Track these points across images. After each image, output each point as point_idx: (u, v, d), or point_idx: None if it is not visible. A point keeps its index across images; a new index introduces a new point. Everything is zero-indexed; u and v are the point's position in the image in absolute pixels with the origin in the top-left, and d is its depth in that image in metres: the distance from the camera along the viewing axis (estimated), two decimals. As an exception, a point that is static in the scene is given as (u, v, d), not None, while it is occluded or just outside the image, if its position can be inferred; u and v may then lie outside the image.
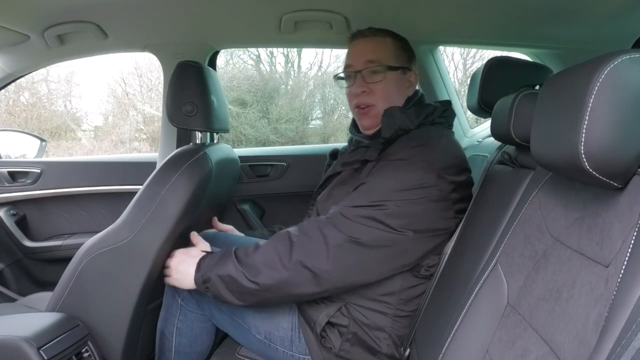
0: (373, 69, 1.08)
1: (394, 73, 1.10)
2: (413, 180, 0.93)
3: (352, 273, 0.95)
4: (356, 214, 0.94)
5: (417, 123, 1.05)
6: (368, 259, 0.94)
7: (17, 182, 1.74)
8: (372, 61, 1.09)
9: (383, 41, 1.12)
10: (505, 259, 0.74)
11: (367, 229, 0.92)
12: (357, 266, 0.94)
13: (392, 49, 1.11)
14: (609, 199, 0.54)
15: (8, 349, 0.91)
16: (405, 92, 1.13)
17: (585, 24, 1.27)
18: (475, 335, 0.72)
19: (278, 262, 0.94)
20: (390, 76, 1.09)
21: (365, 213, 0.93)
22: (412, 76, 1.14)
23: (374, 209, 0.93)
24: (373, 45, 1.11)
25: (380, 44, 1.11)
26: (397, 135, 1.03)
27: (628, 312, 0.44)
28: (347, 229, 0.93)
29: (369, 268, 0.95)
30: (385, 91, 1.09)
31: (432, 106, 1.10)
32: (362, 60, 1.09)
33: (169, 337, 1.18)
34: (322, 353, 1.03)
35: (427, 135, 1.03)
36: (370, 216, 0.93)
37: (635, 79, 0.49)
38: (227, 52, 5.87)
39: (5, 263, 1.71)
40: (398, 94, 1.11)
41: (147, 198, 1.10)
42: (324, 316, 1.01)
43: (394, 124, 1.03)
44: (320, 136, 6.10)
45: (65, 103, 6.04)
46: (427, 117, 1.07)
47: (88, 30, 1.35)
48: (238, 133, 5.72)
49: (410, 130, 1.04)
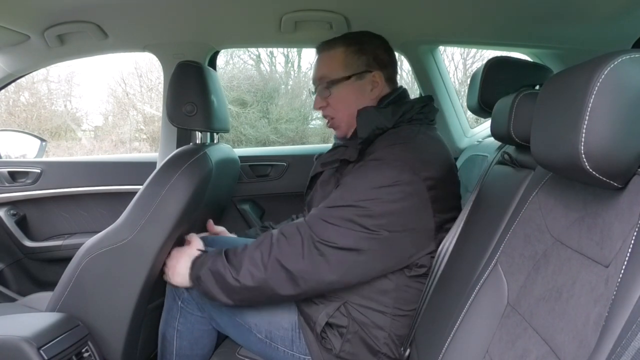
0: (322, 86, 1.13)
1: (344, 84, 1.11)
2: (387, 179, 0.93)
3: (328, 274, 0.95)
4: (332, 214, 0.95)
5: (394, 121, 1.04)
6: (344, 261, 0.95)
7: (17, 182, 1.74)
8: (320, 79, 1.13)
9: (332, 54, 1.13)
10: (505, 259, 0.74)
11: (343, 231, 0.93)
12: (333, 268, 0.95)
13: (342, 59, 1.11)
14: (609, 199, 0.54)
15: (8, 349, 0.91)
16: (369, 94, 1.11)
17: (585, 24, 1.27)
18: (475, 335, 0.72)
19: (259, 261, 0.97)
20: (340, 87, 1.11)
21: (340, 214, 0.94)
22: (375, 76, 1.11)
23: (349, 209, 0.94)
24: (321, 61, 1.15)
25: (328, 59, 1.13)
26: (375, 135, 1.03)
27: (628, 312, 0.44)
28: (323, 231, 0.94)
29: (346, 270, 0.96)
30: (339, 102, 1.12)
31: (409, 103, 1.08)
32: (316, 78, 1.15)
33: (170, 340, 1.18)
34: (322, 354, 1.03)
35: (403, 134, 1.03)
36: (345, 217, 0.94)
37: (635, 79, 0.49)
38: (227, 52, 5.87)
39: (5, 263, 1.71)
40: (358, 99, 1.10)
41: (147, 198, 1.10)
42: (324, 316, 1.01)
43: (370, 123, 1.03)
44: (320, 136, 6.10)
45: (65, 103, 6.04)
46: (404, 114, 1.06)
47: (88, 30, 1.35)
48: (238, 133, 5.72)
49: (387, 130, 1.04)
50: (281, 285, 0.96)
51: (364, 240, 0.93)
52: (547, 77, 1.08)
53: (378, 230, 0.93)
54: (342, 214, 0.94)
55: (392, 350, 1.02)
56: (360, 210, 0.93)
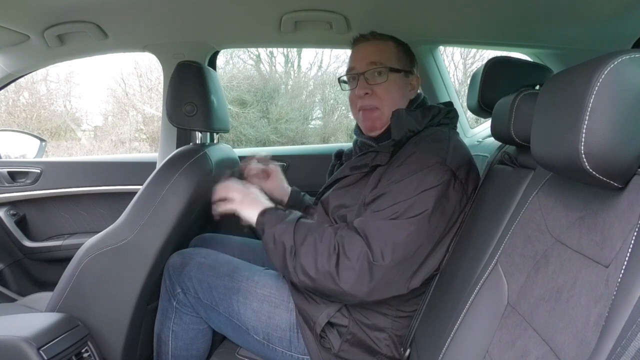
0: (376, 70, 1.09)
1: (397, 75, 1.11)
2: (432, 183, 0.94)
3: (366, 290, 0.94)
4: (386, 235, 0.93)
5: (424, 124, 1.06)
6: (395, 277, 0.94)
7: (17, 182, 1.74)
8: (375, 63, 1.09)
9: (385, 44, 1.13)
10: (505, 259, 0.74)
11: (397, 249, 0.92)
12: (387, 285, 0.94)
13: (395, 52, 1.13)
14: (609, 199, 0.54)
15: (8, 349, 0.91)
16: (408, 95, 1.14)
17: (585, 24, 1.27)
18: (476, 336, 0.72)
19: (313, 266, 0.95)
20: (393, 78, 1.10)
21: (393, 233, 0.92)
22: (414, 79, 1.15)
23: (399, 223, 0.93)
24: (375, 48, 1.12)
25: (383, 47, 1.12)
26: (406, 138, 1.04)
27: (628, 312, 0.44)
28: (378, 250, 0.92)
29: (397, 284, 0.95)
30: (388, 93, 1.10)
31: (436, 107, 1.10)
32: (365, 63, 1.10)
33: (165, 341, 1.18)
34: (321, 353, 1.03)
35: (437, 136, 1.04)
36: (397, 235, 0.92)
37: (635, 79, 0.49)
38: (227, 52, 5.87)
39: (5, 263, 1.71)
40: (401, 96, 1.12)
41: (147, 198, 1.10)
42: (324, 316, 1.01)
43: (403, 125, 1.04)
44: (320, 136, 6.11)
45: (65, 103, 6.04)
46: (433, 118, 1.08)
47: (88, 30, 1.35)
48: (238, 133, 5.72)
49: (418, 132, 1.05)
50: (327, 291, 0.96)
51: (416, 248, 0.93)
52: (547, 77, 1.08)
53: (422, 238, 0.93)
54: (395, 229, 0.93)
55: (392, 351, 1.02)
56: (409, 220, 0.93)
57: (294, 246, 0.97)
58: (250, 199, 1.07)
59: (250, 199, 1.07)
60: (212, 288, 1.11)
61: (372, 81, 1.10)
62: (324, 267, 0.93)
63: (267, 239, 1.00)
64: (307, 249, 0.96)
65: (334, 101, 6.34)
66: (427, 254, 0.95)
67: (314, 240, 0.97)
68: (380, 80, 1.09)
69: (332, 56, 6.21)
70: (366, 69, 1.10)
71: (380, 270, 0.91)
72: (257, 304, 1.08)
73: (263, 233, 1.02)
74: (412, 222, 0.93)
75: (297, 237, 0.98)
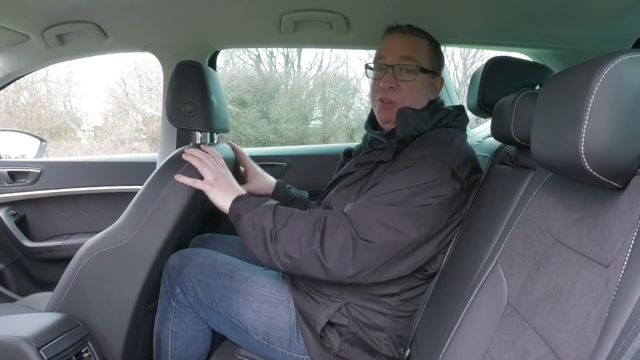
0: (407, 67, 1.07)
1: (425, 76, 1.09)
2: (427, 179, 0.94)
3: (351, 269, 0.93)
4: (371, 215, 0.93)
5: (431, 125, 1.06)
6: (379, 260, 0.93)
7: (17, 182, 1.74)
8: (407, 58, 1.07)
9: (420, 41, 1.10)
10: (505, 259, 0.74)
11: (381, 230, 0.92)
12: (370, 267, 0.93)
13: (427, 51, 1.11)
14: (609, 199, 0.54)
15: (8, 349, 0.91)
16: (429, 96, 1.13)
17: (585, 24, 1.27)
18: (476, 336, 0.72)
19: (296, 245, 0.93)
20: (421, 78, 1.09)
21: (379, 215, 0.93)
22: (438, 81, 1.14)
23: (388, 208, 0.93)
24: (411, 43, 1.09)
25: (418, 44, 1.10)
26: (412, 137, 1.03)
27: (628, 312, 0.44)
28: (365, 230, 0.92)
29: (380, 269, 0.94)
30: (412, 92, 1.08)
31: (445, 109, 1.10)
32: (397, 56, 1.08)
33: (164, 341, 1.18)
34: (321, 353, 1.03)
35: (441, 137, 1.04)
36: (383, 217, 0.92)
37: (635, 79, 0.49)
38: (227, 52, 5.88)
39: (5, 263, 1.71)
40: (423, 96, 1.11)
41: (147, 198, 1.10)
42: (324, 316, 1.01)
43: (408, 124, 1.03)
44: (320, 136, 6.11)
45: (65, 103, 6.04)
46: (441, 120, 1.07)
47: (88, 30, 1.34)
48: (238, 133, 5.72)
49: (424, 132, 1.05)
50: (313, 271, 0.94)
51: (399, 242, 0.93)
52: (547, 77, 1.08)
53: (412, 230, 0.93)
54: (381, 215, 0.92)
55: (392, 351, 1.02)
56: (399, 209, 0.92)
57: (274, 228, 0.94)
58: (222, 182, 1.04)
59: (223, 183, 1.04)
60: (212, 288, 1.11)
61: (400, 77, 1.07)
62: (309, 245, 0.92)
63: (245, 225, 0.97)
64: (290, 230, 0.94)
65: (334, 101, 6.34)
66: (416, 245, 0.94)
67: (295, 220, 0.95)
68: (409, 78, 1.07)
69: (332, 56, 6.21)
70: (397, 63, 1.07)
71: (365, 250, 0.90)
72: (257, 304, 1.08)
73: (239, 219, 0.98)
74: (405, 211, 0.92)
75: (278, 220, 0.95)
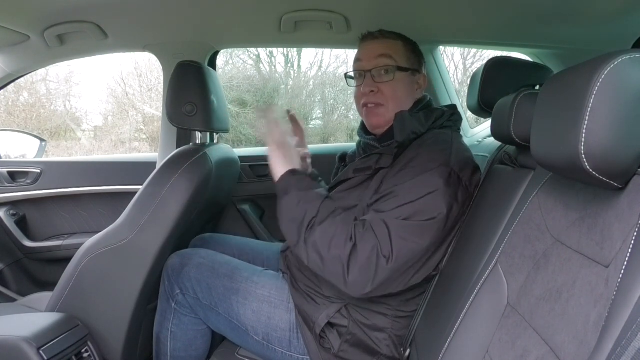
0: (383, 69, 1.08)
1: (404, 74, 1.10)
2: (436, 186, 0.93)
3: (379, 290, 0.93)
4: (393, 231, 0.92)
5: (427, 126, 1.06)
6: (395, 274, 0.92)
7: (17, 182, 1.74)
8: (383, 57, 1.09)
9: (394, 43, 1.12)
10: (505, 259, 0.74)
11: (401, 244, 0.91)
12: (387, 281, 0.92)
13: (403, 51, 1.12)
14: (609, 199, 0.54)
15: (8, 349, 0.91)
16: (414, 94, 1.13)
17: (585, 24, 1.27)
18: (476, 336, 0.72)
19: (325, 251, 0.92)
20: (400, 77, 1.09)
21: (399, 230, 0.92)
22: (421, 78, 1.15)
23: (405, 222, 0.92)
24: (384, 45, 1.11)
25: (391, 45, 1.11)
26: (410, 140, 1.03)
27: (628, 312, 0.44)
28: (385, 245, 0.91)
29: (397, 280, 0.94)
30: (394, 92, 1.09)
31: (440, 110, 1.10)
32: (372, 60, 1.09)
33: (164, 342, 1.18)
34: (321, 354, 1.03)
35: (440, 139, 1.04)
36: (402, 231, 0.91)
37: (635, 79, 0.49)
38: (227, 52, 5.87)
39: (5, 263, 1.71)
40: (407, 95, 1.11)
41: (147, 198, 1.10)
42: (324, 317, 1.01)
43: (406, 127, 1.03)
44: (320, 136, 6.10)
45: (65, 103, 6.04)
46: (437, 121, 1.08)
47: (88, 30, 1.35)
48: (238, 133, 5.72)
49: (422, 135, 1.05)
50: (333, 276, 0.93)
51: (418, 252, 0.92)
52: (547, 77, 1.08)
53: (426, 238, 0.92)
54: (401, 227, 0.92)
55: (392, 351, 1.02)
56: (414, 220, 0.92)
57: (315, 218, 0.94)
58: (284, 151, 1.03)
59: (285, 152, 1.02)
60: (212, 289, 1.11)
61: (379, 79, 1.09)
62: (338, 249, 0.91)
63: (290, 202, 0.96)
64: (326, 227, 0.93)
65: (334, 101, 6.34)
66: (430, 255, 0.95)
67: (334, 219, 0.94)
68: (387, 79, 1.09)
69: (332, 56, 6.21)
70: (373, 67, 1.09)
71: (386, 271, 0.90)
72: (257, 304, 1.08)
73: (286, 193, 0.97)
74: (426, 225, 0.92)
75: (322, 212, 0.95)
